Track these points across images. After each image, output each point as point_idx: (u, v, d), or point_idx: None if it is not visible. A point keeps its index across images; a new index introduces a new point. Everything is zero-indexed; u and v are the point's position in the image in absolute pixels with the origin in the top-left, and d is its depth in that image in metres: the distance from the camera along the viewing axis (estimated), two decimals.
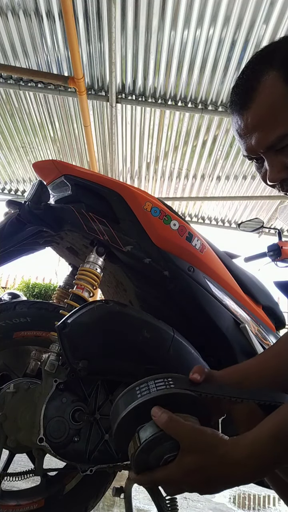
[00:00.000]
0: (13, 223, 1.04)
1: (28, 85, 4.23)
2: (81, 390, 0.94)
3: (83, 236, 1.09)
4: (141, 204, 1.07)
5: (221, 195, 5.72)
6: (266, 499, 2.25)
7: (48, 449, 0.86)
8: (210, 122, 4.42)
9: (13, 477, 1.07)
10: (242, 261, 2.19)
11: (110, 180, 1.09)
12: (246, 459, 0.54)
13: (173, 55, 3.65)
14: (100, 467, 0.90)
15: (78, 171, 1.09)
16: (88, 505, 1.14)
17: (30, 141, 5.22)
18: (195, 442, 0.56)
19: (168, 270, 1.07)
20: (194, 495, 1.99)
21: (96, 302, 0.97)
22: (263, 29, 3.24)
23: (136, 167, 5.43)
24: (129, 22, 3.39)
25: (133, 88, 4.12)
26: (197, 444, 0.56)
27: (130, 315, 1.00)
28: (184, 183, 5.63)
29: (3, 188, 6.50)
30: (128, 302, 1.24)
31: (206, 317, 1.12)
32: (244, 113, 0.71)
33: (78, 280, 1.03)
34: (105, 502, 1.67)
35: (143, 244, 1.05)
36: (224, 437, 0.57)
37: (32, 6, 3.39)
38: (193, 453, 0.56)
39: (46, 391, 0.89)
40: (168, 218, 1.10)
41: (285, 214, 2.61)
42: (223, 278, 1.22)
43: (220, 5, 3.12)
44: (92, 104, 4.38)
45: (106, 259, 1.07)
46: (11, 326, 1.06)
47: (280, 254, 2.06)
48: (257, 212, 6.02)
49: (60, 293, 1.31)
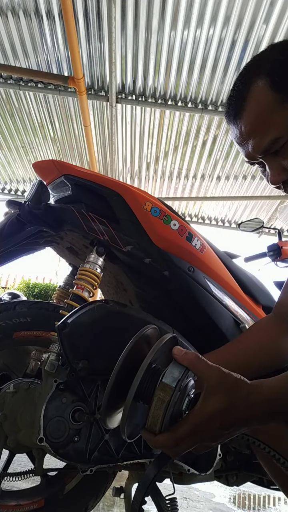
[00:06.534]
0: (13, 223, 1.04)
1: (28, 85, 4.24)
2: (81, 390, 0.94)
3: (83, 236, 1.09)
4: (141, 204, 1.07)
5: (221, 195, 5.73)
6: (266, 499, 2.25)
7: (48, 449, 0.86)
8: (210, 122, 4.42)
9: (13, 477, 1.07)
10: (242, 261, 2.19)
11: (110, 180, 1.09)
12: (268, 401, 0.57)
13: (173, 55, 3.65)
14: (100, 467, 0.90)
15: (78, 171, 1.09)
16: (88, 505, 1.14)
17: (30, 141, 5.22)
18: (221, 382, 0.57)
19: (168, 270, 1.07)
20: (194, 495, 1.99)
21: (96, 302, 0.97)
22: (263, 29, 3.24)
23: (136, 167, 5.43)
24: (129, 22, 3.39)
25: (133, 88, 4.12)
26: (223, 384, 0.57)
27: (130, 315, 0.99)
28: (184, 183, 5.63)
29: (3, 188, 6.51)
30: (128, 302, 1.24)
31: (206, 317, 1.12)
32: (238, 122, 0.75)
33: (78, 280, 1.03)
34: (105, 502, 1.67)
35: (143, 244, 1.05)
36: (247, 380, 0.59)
37: (32, 6, 3.39)
38: (219, 393, 0.57)
39: (46, 391, 0.89)
40: (168, 218, 1.10)
41: (285, 214, 2.61)
42: (223, 278, 1.22)
43: (220, 5, 3.12)
44: (92, 104, 4.38)
45: (106, 259, 1.07)
46: (11, 326, 1.06)
47: (280, 254, 2.06)
48: (257, 212, 6.02)
49: (60, 293, 1.30)
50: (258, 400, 0.57)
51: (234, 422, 0.57)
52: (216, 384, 0.57)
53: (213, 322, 1.13)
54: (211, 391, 0.57)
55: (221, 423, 0.56)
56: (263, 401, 0.57)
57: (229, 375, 0.58)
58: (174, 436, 0.57)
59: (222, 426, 0.57)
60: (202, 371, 0.58)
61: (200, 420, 0.56)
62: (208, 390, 0.57)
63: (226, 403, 0.56)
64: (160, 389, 0.57)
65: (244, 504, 2.10)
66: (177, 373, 0.57)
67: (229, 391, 0.57)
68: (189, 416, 0.57)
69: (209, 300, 1.14)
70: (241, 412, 0.56)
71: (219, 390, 0.57)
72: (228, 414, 0.56)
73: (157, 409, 0.56)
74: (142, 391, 0.58)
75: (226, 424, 0.57)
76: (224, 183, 5.50)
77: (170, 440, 0.57)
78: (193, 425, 0.56)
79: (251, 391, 0.57)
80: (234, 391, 0.57)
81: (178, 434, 0.56)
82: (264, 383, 0.59)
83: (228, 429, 0.57)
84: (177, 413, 0.58)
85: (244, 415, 0.57)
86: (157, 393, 0.57)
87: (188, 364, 0.58)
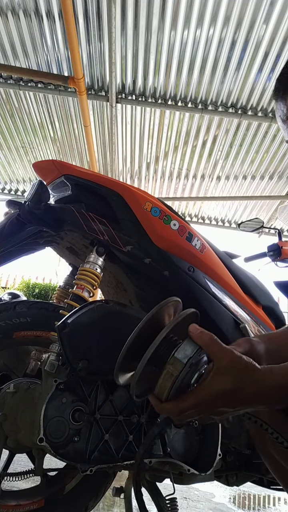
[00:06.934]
0: (13, 223, 1.04)
1: (28, 85, 4.24)
2: (81, 390, 0.94)
3: (83, 236, 1.09)
4: (141, 204, 1.07)
5: (221, 195, 5.73)
6: (266, 499, 2.25)
7: (48, 449, 0.86)
8: (210, 122, 4.42)
9: (13, 477, 1.07)
10: (242, 261, 2.19)
11: (110, 180, 1.09)
12: (277, 387, 0.57)
13: (173, 55, 3.65)
14: (100, 467, 0.90)
15: (78, 171, 1.09)
16: (88, 505, 1.14)
17: (30, 141, 5.22)
18: (233, 364, 0.58)
19: (168, 270, 1.07)
20: (194, 495, 1.99)
21: (96, 302, 0.97)
22: (263, 29, 3.24)
23: (136, 167, 5.43)
24: (129, 22, 3.39)
25: (133, 88, 4.12)
26: (234, 366, 0.58)
27: (130, 315, 1.00)
28: (184, 183, 5.63)
29: (3, 188, 6.51)
30: (128, 302, 1.24)
31: (206, 317, 1.12)
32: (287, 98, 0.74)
33: (78, 280, 1.03)
34: (105, 502, 1.67)
35: (143, 244, 1.05)
36: (258, 365, 0.59)
37: (32, 6, 3.39)
38: (227, 375, 0.57)
39: (46, 391, 0.89)
40: (168, 218, 1.10)
41: (285, 214, 2.61)
42: (223, 278, 1.22)
43: (220, 5, 3.12)
44: (92, 104, 4.38)
45: (106, 259, 1.07)
46: (11, 326, 1.06)
47: (280, 254, 2.06)
48: (257, 212, 6.02)
49: (60, 293, 1.30)
50: (267, 385, 0.58)
51: (240, 404, 0.58)
52: (226, 366, 0.58)
53: (213, 322, 1.13)
54: (221, 371, 0.58)
55: (225, 403, 0.58)
56: (272, 386, 0.58)
57: (240, 359, 0.59)
58: (179, 406, 0.59)
59: (227, 406, 0.58)
60: (214, 352, 0.59)
61: (205, 397, 0.58)
62: (218, 370, 0.58)
63: (233, 386, 0.57)
64: (170, 363, 0.59)
65: (244, 504, 2.10)
66: (190, 350, 0.59)
67: (238, 374, 0.57)
68: (196, 390, 0.59)
69: (209, 300, 1.14)
70: (248, 395, 0.57)
71: (228, 372, 0.58)
72: (233, 396, 0.57)
73: (165, 381, 0.59)
74: (156, 357, 0.60)
75: (230, 405, 0.58)
76: (224, 183, 5.50)
77: (175, 409, 0.59)
78: (197, 399, 0.58)
79: (260, 376, 0.58)
80: (243, 375, 0.58)
81: (183, 405, 0.59)
82: (274, 369, 0.59)
83: (232, 409, 0.59)
84: (185, 385, 0.60)
85: (250, 399, 0.58)
86: (167, 366, 0.59)
87: (202, 343, 0.60)
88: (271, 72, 3.62)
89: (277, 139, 4.50)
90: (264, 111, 4.10)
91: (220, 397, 0.57)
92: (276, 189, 5.40)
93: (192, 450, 1.04)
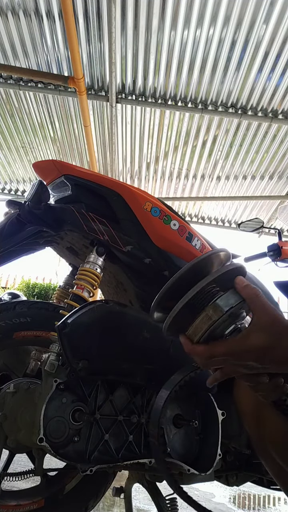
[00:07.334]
0: (13, 223, 1.04)
1: (28, 85, 4.24)
2: (81, 390, 0.94)
3: (83, 236, 1.09)
4: (141, 204, 1.07)
5: (221, 195, 5.72)
6: (266, 499, 2.25)
7: (48, 449, 0.86)
8: (210, 122, 4.42)
9: (13, 477, 1.07)
10: (242, 261, 2.19)
11: (110, 180, 1.09)
12: None
13: (173, 55, 3.65)
14: (100, 467, 0.90)
15: (78, 171, 1.09)
16: (88, 505, 1.14)
17: (30, 141, 5.22)
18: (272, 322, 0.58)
19: (168, 270, 1.07)
20: (194, 496, 1.99)
21: (96, 302, 0.97)
22: (263, 29, 3.24)
23: (136, 167, 5.43)
24: (129, 22, 3.39)
25: (133, 88, 4.12)
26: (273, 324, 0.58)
27: (130, 315, 1.00)
28: (184, 183, 5.63)
29: (3, 188, 6.51)
30: (128, 302, 1.24)
31: None
32: None
33: (78, 280, 1.03)
34: (105, 502, 1.67)
35: (143, 244, 1.05)
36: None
37: (32, 6, 3.39)
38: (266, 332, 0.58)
39: (46, 391, 0.89)
40: (168, 218, 1.10)
41: (285, 214, 2.61)
42: None
43: (220, 5, 3.12)
44: (92, 104, 4.38)
45: (106, 259, 1.07)
46: (11, 326, 1.06)
47: (280, 254, 2.06)
48: (257, 212, 6.02)
49: (60, 293, 1.31)
50: None
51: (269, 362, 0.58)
52: (265, 323, 0.58)
53: None
54: (259, 327, 0.58)
55: (256, 359, 0.58)
56: None
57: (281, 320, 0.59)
58: (210, 351, 0.59)
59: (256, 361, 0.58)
60: (257, 307, 0.59)
61: (238, 348, 0.58)
62: (256, 326, 0.58)
63: (268, 344, 0.57)
64: (211, 307, 0.59)
65: (244, 504, 2.10)
66: (233, 300, 0.59)
67: (275, 334, 0.57)
68: (229, 340, 0.60)
69: None
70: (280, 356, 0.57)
71: (266, 330, 0.58)
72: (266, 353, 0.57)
73: (202, 323, 0.59)
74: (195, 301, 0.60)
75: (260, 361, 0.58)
76: (224, 183, 5.50)
77: (206, 352, 0.60)
78: (229, 349, 0.59)
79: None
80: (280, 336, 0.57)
81: (213, 351, 0.59)
82: None
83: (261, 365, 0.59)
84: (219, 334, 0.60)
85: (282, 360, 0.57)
86: (208, 309, 0.59)
87: (246, 296, 0.60)
88: (271, 72, 3.62)
89: (277, 139, 4.50)
90: (264, 111, 4.10)
91: (252, 353, 0.58)
92: (276, 189, 5.40)
93: (192, 450, 1.04)
